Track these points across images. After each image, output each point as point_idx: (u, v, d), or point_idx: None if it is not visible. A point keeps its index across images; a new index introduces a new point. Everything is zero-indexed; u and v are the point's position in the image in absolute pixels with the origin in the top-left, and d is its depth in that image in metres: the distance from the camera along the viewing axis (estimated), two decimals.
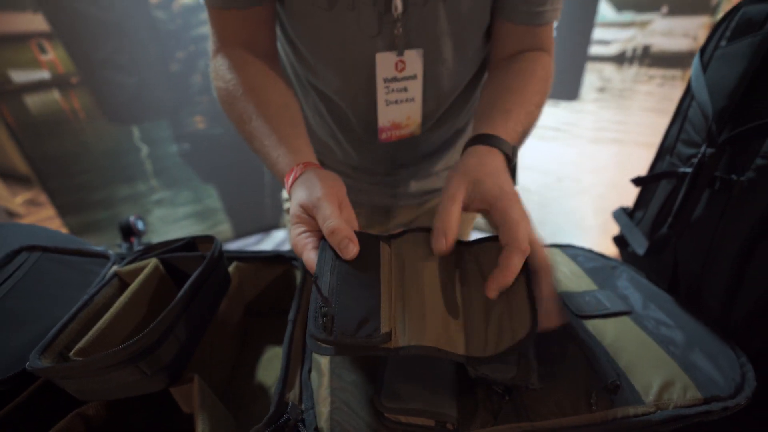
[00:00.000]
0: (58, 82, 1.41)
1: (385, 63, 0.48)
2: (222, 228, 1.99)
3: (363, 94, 0.51)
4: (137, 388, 0.32)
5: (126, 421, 0.37)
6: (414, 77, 0.50)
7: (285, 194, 0.77)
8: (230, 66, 0.46)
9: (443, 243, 0.33)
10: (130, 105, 1.56)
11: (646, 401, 0.34)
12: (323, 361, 0.38)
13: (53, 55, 1.38)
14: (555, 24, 0.50)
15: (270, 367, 0.50)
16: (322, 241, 0.33)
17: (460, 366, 0.36)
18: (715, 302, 0.44)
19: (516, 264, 0.31)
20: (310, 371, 0.37)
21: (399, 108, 0.52)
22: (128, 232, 0.62)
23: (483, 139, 0.41)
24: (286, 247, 2.04)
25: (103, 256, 0.47)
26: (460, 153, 0.65)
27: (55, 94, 1.42)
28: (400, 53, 0.48)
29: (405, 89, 0.51)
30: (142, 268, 0.41)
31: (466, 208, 0.35)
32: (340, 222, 0.32)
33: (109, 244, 1.71)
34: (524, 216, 0.33)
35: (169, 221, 1.80)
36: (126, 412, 0.37)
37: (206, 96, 1.68)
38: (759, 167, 0.39)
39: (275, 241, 2.06)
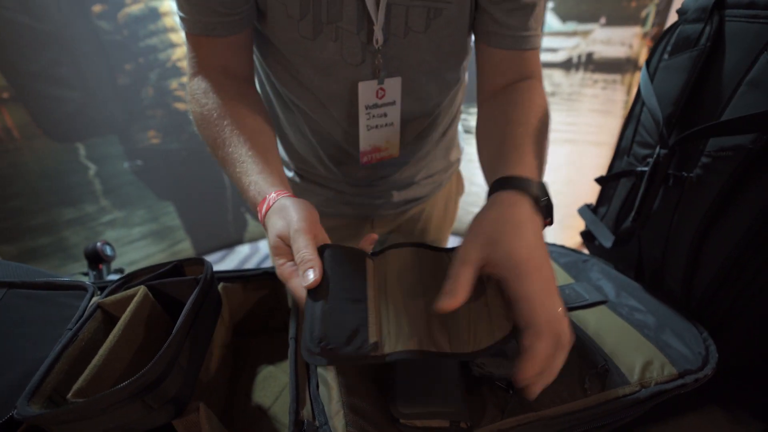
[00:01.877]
0: None
1: (366, 91, 0.50)
2: (182, 246, 1.89)
3: (345, 118, 0.53)
4: (142, 424, 0.30)
5: None
6: (393, 103, 0.52)
7: None
8: (206, 89, 0.46)
9: (447, 304, 0.30)
10: (73, 121, 1.44)
11: (632, 381, 0.38)
12: (329, 375, 0.38)
13: None
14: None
15: (266, 386, 0.49)
16: None
17: (465, 366, 0.38)
18: (676, 285, 0.49)
19: (541, 350, 0.28)
20: (318, 386, 0.37)
21: (379, 132, 0.54)
22: (96, 258, 0.58)
23: (505, 183, 0.35)
24: (253, 262, 1.97)
25: (79, 288, 0.44)
26: (439, 162, 0.68)
27: None
28: (381, 81, 0.49)
29: (385, 114, 0.53)
30: (128, 298, 0.39)
31: (482, 271, 0.32)
32: (310, 253, 0.33)
33: (71, 269, 1.56)
34: (542, 290, 0.29)
35: (124, 242, 1.68)
36: None
37: (160, 110, 1.60)
38: (704, 164, 0.45)
39: (239, 257, 1.99)
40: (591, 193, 0.68)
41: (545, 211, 0.35)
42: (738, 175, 0.41)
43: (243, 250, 2.05)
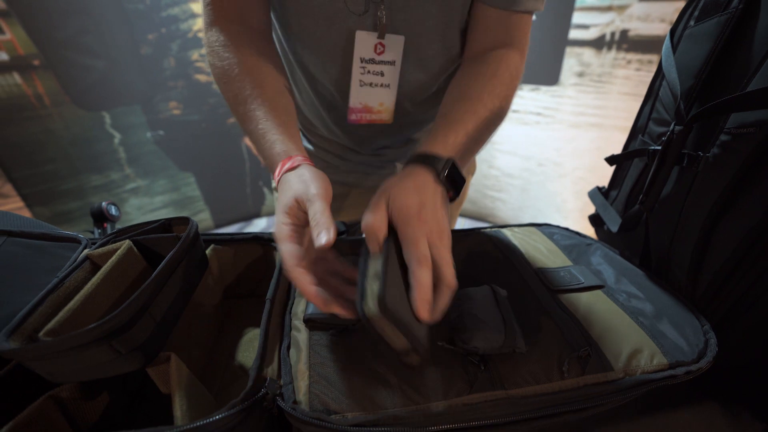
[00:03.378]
0: (17, 64, 1.33)
1: (364, 42, 0.47)
2: (202, 217, 1.95)
3: (346, 73, 0.51)
4: (112, 368, 0.31)
5: (101, 403, 0.36)
6: (392, 63, 0.50)
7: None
8: (225, 43, 0.45)
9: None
10: (99, 90, 1.49)
11: (616, 368, 0.36)
12: (302, 339, 0.38)
13: (11, 34, 1.30)
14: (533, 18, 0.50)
15: (250, 348, 0.49)
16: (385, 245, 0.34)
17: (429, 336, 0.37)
18: (682, 274, 0.46)
19: (423, 278, 0.32)
20: (289, 348, 0.37)
21: (373, 91, 0.52)
22: (100, 217, 0.60)
23: (417, 158, 0.40)
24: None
25: (73, 240, 0.45)
26: None
27: (16, 78, 1.34)
28: (381, 36, 0.47)
29: (381, 73, 0.50)
30: (114, 251, 0.40)
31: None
32: (327, 217, 0.33)
33: (83, 231, 1.65)
34: (421, 236, 0.34)
35: (146, 210, 1.75)
36: (101, 394, 0.37)
37: (181, 81, 1.62)
38: (723, 143, 0.41)
39: (257, 230, 2.04)
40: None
41: (447, 184, 0.39)
42: (757, 155, 0.37)
43: (260, 223, 2.09)
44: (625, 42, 1.29)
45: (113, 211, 0.63)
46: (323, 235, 0.32)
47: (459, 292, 0.41)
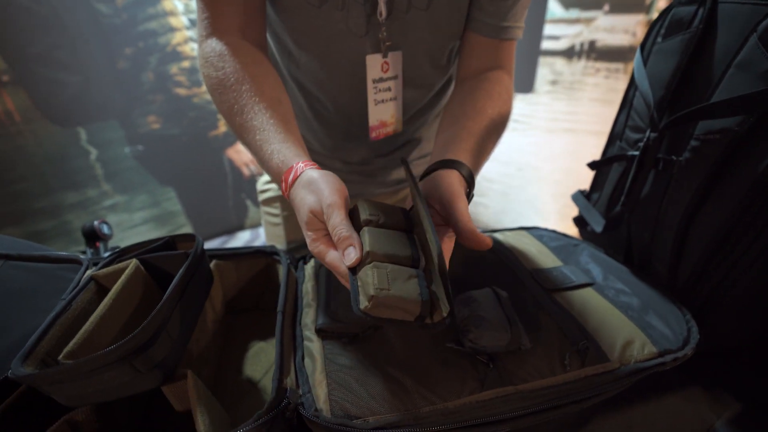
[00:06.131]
0: None
1: (373, 65, 0.50)
2: (183, 231, 1.90)
3: (346, 91, 0.53)
4: (130, 388, 0.31)
5: (115, 425, 0.36)
6: (396, 77, 0.53)
7: (260, 186, 0.76)
8: (221, 52, 0.44)
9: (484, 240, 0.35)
10: (73, 105, 1.45)
11: (612, 359, 0.39)
12: (315, 348, 0.39)
13: None
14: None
15: (256, 361, 0.50)
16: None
17: (438, 339, 0.39)
18: (662, 268, 0.49)
19: (466, 216, 0.35)
20: (303, 358, 0.38)
21: (385, 106, 0.55)
22: (93, 236, 0.59)
23: (442, 164, 0.42)
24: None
25: (74, 261, 0.45)
26: (432, 142, 0.68)
27: None
28: (385, 55, 0.50)
29: (389, 89, 0.53)
30: (121, 270, 0.40)
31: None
32: (347, 229, 0.33)
33: (72, 251, 1.58)
34: (465, 208, 0.36)
35: (126, 227, 1.70)
36: (114, 415, 0.36)
37: (160, 95, 1.60)
38: (693, 148, 0.45)
39: (240, 243, 2.01)
40: (589, 183, 0.69)
41: (468, 188, 0.42)
42: (723, 158, 0.41)
43: (244, 236, 2.06)
44: (594, 52, 1.37)
45: (105, 229, 0.62)
46: (351, 252, 0.31)
47: (463, 295, 0.43)
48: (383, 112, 0.55)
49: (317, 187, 0.35)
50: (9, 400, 0.33)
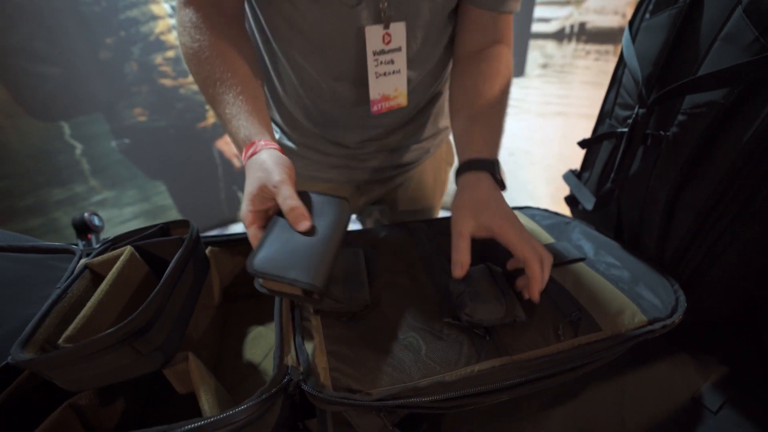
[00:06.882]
0: None
1: (374, 36, 0.49)
2: None
3: (340, 65, 0.52)
4: (133, 370, 0.32)
5: (118, 409, 0.36)
6: (399, 49, 0.52)
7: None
8: (198, 24, 0.45)
9: (459, 271, 0.41)
10: (55, 98, 1.41)
11: (604, 328, 0.40)
12: (313, 326, 0.40)
13: None
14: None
15: (255, 346, 0.50)
16: (274, 217, 0.39)
17: (435, 314, 0.40)
18: (651, 242, 0.51)
19: (537, 269, 0.39)
20: (303, 337, 0.39)
21: (387, 80, 0.54)
22: (84, 228, 0.58)
23: (472, 165, 0.46)
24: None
25: (66, 251, 0.44)
26: (427, 127, 0.67)
27: None
28: (386, 26, 0.49)
29: (392, 61, 0.52)
30: (115, 258, 0.40)
31: (473, 237, 0.42)
32: (298, 202, 0.38)
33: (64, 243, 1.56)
34: (520, 234, 0.41)
35: (116, 222, 1.68)
36: (117, 400, 0.37)
37: (145, 86, 1.56)
38: (680, 122, 0.46)
39: None
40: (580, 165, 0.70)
41: (501, 184, 0.47)
42: (710, 132, 0.41)
43: (237, 228, 2.05)
44: (584, 34, 1.37)
45: (96, 221, 0.61)
46: (302, 223, 0.37)
47: None
48: (385, 86, 0.54)
49: (268, 166, 0.39)
50: (11, 388, 0.33)
